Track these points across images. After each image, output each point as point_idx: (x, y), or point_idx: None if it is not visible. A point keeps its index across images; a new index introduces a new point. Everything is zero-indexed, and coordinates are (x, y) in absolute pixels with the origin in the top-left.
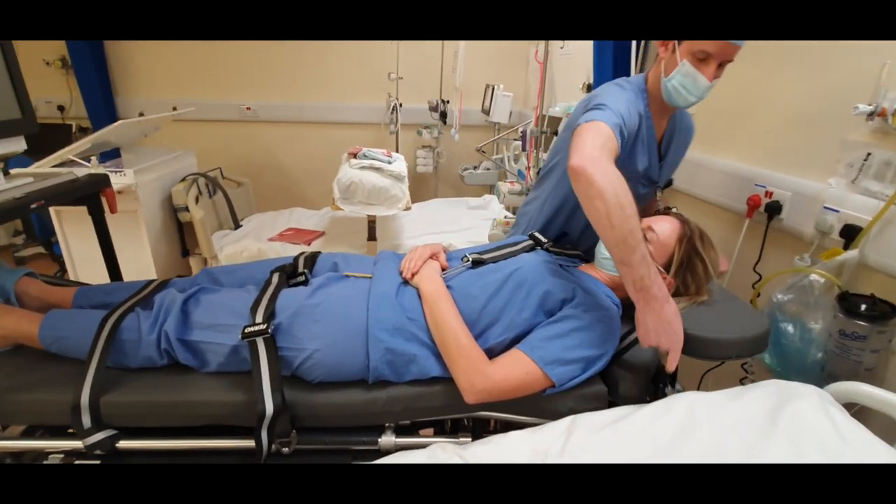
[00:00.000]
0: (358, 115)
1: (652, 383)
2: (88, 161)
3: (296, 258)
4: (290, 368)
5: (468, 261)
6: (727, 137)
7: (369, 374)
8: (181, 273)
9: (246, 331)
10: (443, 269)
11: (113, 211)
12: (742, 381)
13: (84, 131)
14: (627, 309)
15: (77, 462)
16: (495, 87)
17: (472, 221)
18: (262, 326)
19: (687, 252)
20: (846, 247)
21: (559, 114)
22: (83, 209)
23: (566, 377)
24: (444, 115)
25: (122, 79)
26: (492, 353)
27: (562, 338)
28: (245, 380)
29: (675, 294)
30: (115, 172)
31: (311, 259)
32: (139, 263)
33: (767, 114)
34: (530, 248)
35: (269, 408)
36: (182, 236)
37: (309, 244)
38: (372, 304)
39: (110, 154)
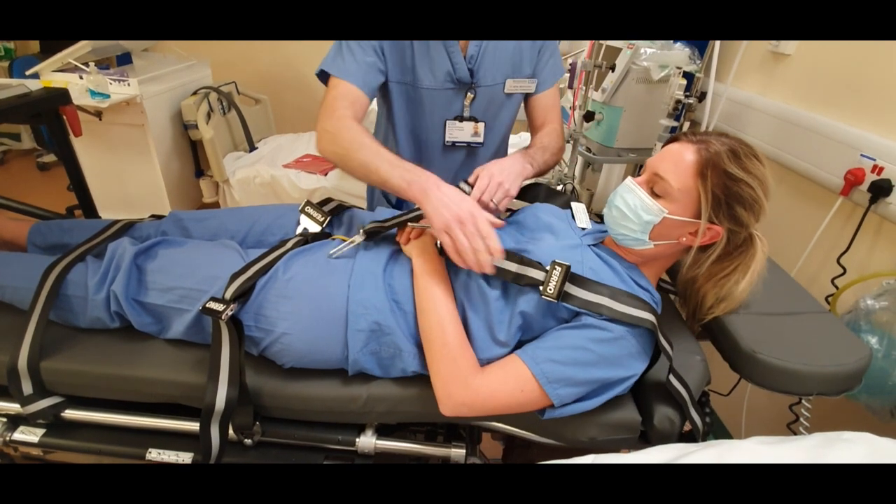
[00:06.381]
0: None
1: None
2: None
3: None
4: (257, 349)
5: None
6: (835, 91)
7: (349, 365)
8: (194, 195)
9: (207, 305)
10: None
11: (77, 133)
12: (789, 426)
13: None
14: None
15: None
16: None
17: None
18: (220, 307)
19: (719, 182)
20: None
21: (621, 44)
22: (92, 118)
23: (569, 399)
24: None
25: None
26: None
27: (575, 350)
28: (207, 356)
29: (726, 254)
30: (119, 81)
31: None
32: (149, 182)
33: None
34: None
35: (220, 402)
36: (196, 155)
37: (325, 174)
38: (354, 281)
39: (125, 60)
